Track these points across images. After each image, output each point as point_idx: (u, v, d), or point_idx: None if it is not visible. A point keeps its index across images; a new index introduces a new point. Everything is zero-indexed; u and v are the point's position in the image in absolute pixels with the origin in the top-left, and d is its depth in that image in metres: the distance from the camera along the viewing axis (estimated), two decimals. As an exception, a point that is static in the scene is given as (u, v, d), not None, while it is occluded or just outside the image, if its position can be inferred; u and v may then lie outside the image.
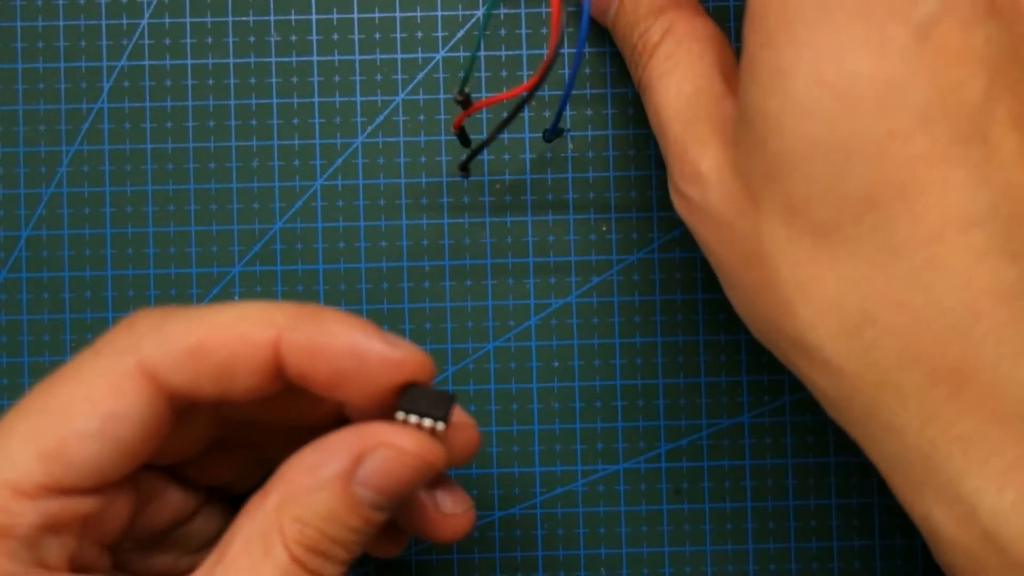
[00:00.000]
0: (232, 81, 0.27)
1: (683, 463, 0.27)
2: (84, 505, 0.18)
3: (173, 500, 0.21)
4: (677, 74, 0.20)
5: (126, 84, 0.27)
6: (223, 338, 0.18)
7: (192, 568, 0.18)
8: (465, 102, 0.23)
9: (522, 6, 0.27)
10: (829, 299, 0.17)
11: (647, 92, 0.21)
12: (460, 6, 0.27)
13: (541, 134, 0.26)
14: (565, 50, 0.27)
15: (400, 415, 0.18)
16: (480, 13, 0.27)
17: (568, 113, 0.27)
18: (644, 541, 0.27)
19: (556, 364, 0.27)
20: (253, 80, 0.27)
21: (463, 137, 0.24)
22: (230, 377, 0.18)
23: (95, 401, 0.17)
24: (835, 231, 0.16)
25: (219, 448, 0.21)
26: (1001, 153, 0.15)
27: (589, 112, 0.27)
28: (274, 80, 0.27)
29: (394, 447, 0.18)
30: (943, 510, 0.16)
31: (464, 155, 0.25)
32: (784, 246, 0.17)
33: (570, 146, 0.27)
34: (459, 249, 0.27)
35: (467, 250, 0.27)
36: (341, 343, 0.18)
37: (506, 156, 0.27)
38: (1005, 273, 0.15)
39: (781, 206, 0.17)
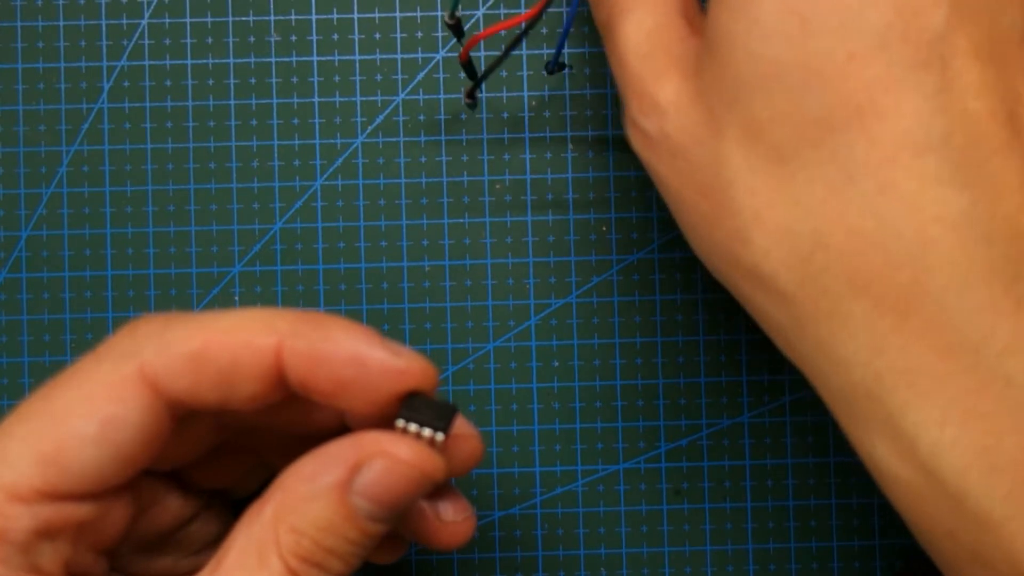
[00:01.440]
0: (232, 81, 0.27)
1: (683, 463, 0.27)
2: (80, 511, 0.17)
3: (173, 504, 0.21)
4: (639, 11, 0.19)
5: (126, 84, 0.27)
6: (225, 344, 0.18)
7: (192, 570, 0.18)
8: (456, 27, 0.23)
9: None
10: (783, 225, 0.16)
11: (608, 30, 0.20)
12: (461, 6, 0.27)
13: (544, 68, 0.27)
14: None
15: (400, 423, 0.18)
16: (480, 13, 0.27)
17: (569, 114, 0.27)
18: (644, 541, 0.27)
19: (556, 364, 0.27)
20: (253, 80, 0.27)
21: (469, 68, 0.24)
22: (231, 384, 0.18)
23: (94, 406, 0.17)
24: (793, 156, 0.16)
25: (220, 453, 0.21)
26: (961, 82, 0.15)
27: (589, 112, 0.27)
28: (274, 80, 0.27)
29: (392, 457, 0.18)
30: (886, 445, 0.16)
31: (476, 95, 0.25)
32: (742, 173, 0.17)
33: (570, 146, 0.27)
34: (459, 249, 0.27)
35: (467, 250, 0.27)
36: (343, 351, 0.18)
37: (506, 156, 0.27)
38: (956, 200, 0.15)
39: (741, 131, 0.17)
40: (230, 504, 0.23)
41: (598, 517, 0.27)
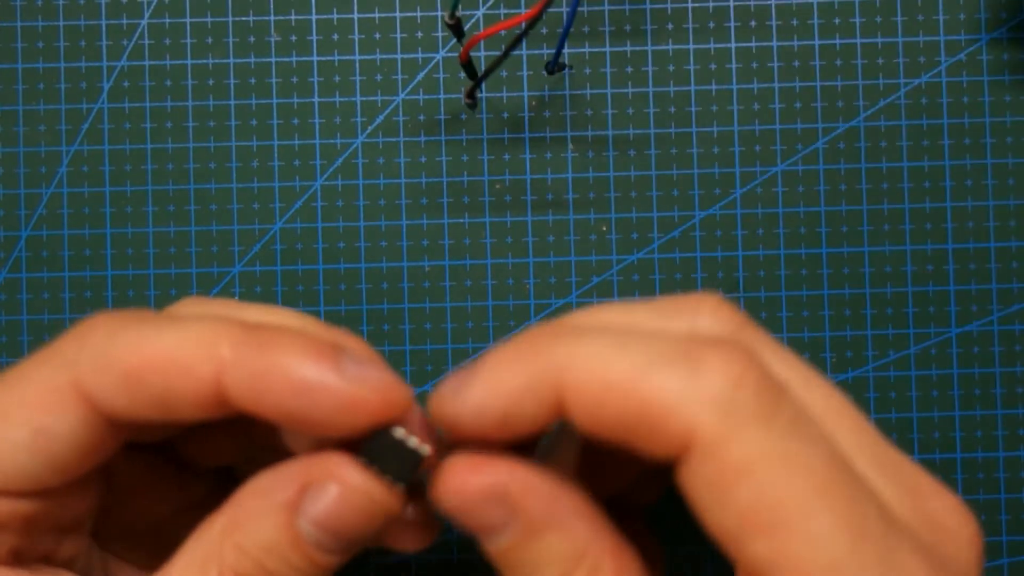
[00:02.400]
0: (232, 81, 0.27)
1: (683, 463, 0.27)
2: (22, 507, 0.17)
3: (165, 489, 0.20)
4: None
5: (126, 84, 0.27)
6: (161, 365, 0.16)
7: None
8: (456, 27, 0.23)
9: None
10: None
11: None
12: (461, 6, 0.27)
13: (544, 68, 0.27)
14: None
15: (362, 461, 0.17)
16: (480, 13, 0.27)
17: (569, 114, 0.27)
18: (644, 541, 0.27)
19: (556, 364, 0.27)
20: (253, 80, 0.27)
21: (469, 68, 0.24)
22: (168, 404, 0.17)
23: (29, 413, 0.17)
24: None
25: (212, 428, 0.20)
26: None
27: (589, 112, 0.27)
28: (274, 80, 0.27)
29: (345, 484, 0.16)
30: None
31: (478, 90, 0.25)
32: None
33: (570, 146, 0.27)
34: (459, 249, 0.27)
35: (467, 250, 0.27)
36: (289, 381, 0.16)
37: (506, 156, 0.27)
38: None
39: None
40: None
41: (598, 517, 0.27)
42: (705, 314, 0.17)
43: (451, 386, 0.16)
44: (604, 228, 0.27)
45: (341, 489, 0.16)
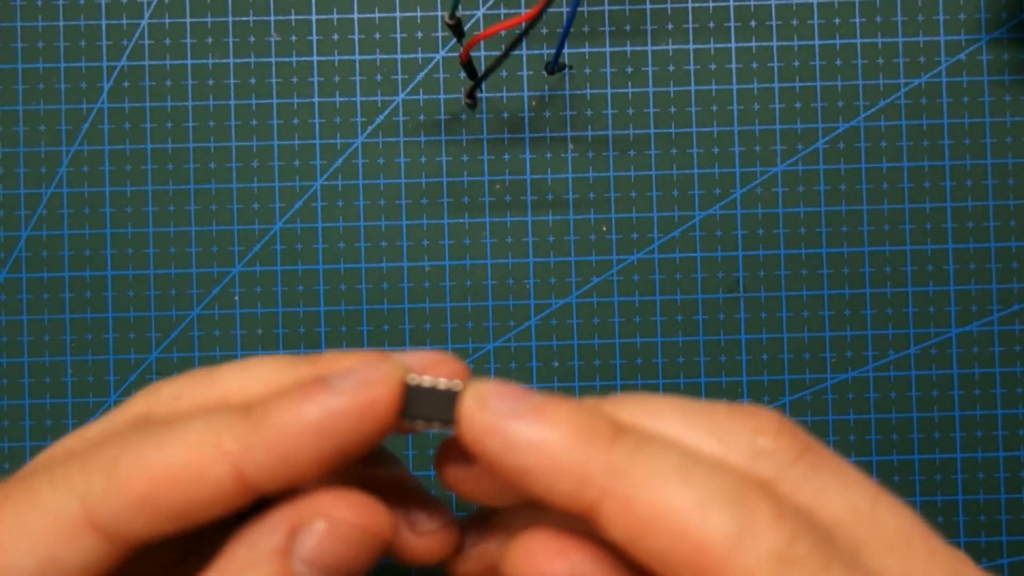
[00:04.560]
0: (232, 81, 0.27)
1: (683, 463, 0.27)
2: None
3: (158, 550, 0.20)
4: None
5: (126, 84, 0.27)
6: (175, 481, 0.16)
7: None
8: (456, 27, 0.23)
9: None
10: None
11: None
12: (461, 6, 0.27)
13: (544, 68, 0.27)
14: None
15: (406, 423, 0.17)
16: (480, 13, 0.27)
17: (569, 114, 0.27)
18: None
19: (556, 364, 0.27)
20: (253, 80, 0.27)
21: (469, 68, 0.24)
22: (190, 515, 0.16)
23: (36, 541, 0.16)
24: None
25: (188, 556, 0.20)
26: None
27: (589, 112, 0.27)
28: (274, 80, 0.27)
29: (332, 518, 0.16)
30: None
31: (478, 90, 0.25)
32: None
33: (570, 146, 0.27)
34: (459, 249, 0.27)
35: (467, 250, 0.27)
36: (296, 436, 0.16)
37: (506, 156, 0.27)
38: None
39: None
40: None
41: (598, 517, 0.27)
42: (767, 435, 0.16)
43: (507, 405, 0.16)
44: (604, 228, 0.27)
45: (329, 525, 0.16)
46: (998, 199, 0.27)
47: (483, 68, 0.26)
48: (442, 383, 0.17)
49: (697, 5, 0.27)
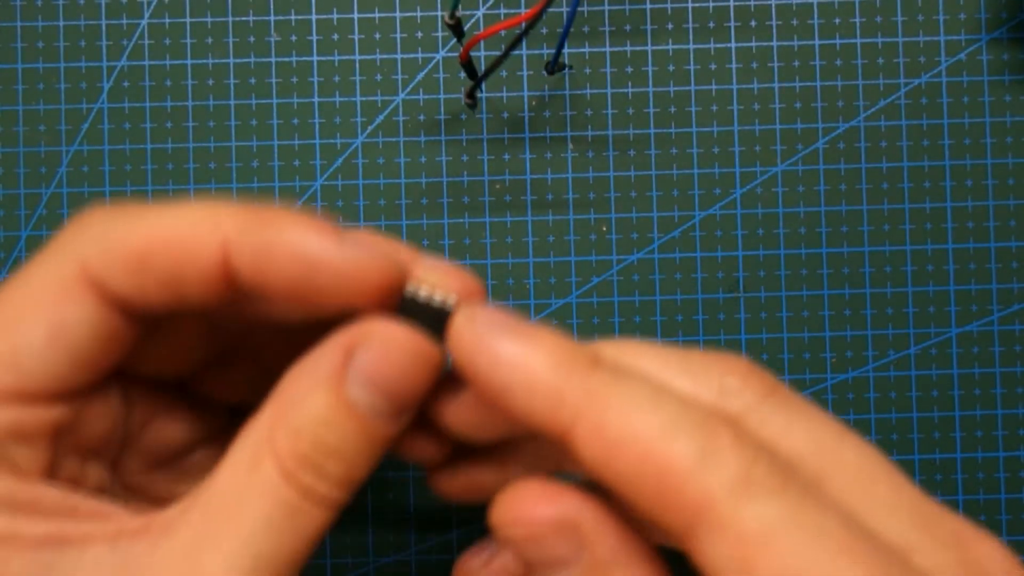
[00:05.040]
0: (232, 81, 0.27)
1: (683, 463, 0.27)
2: (51, 414, 0.17)
3: (183, 420, 0.20)
4: None
5: (126, 84, 0.27)
6: (167, 244, 0.16)
7: None
8: (456, 27, 0.23)
9: None
10: None
11: None
12: (461, 6, 0.27)
13: (544, 68, 0.27)
14: None
15: (408, 290, 0.17)
16: (480, 13, 0.27)
17: (569, 114, 0.27)
18: (644, 541, 0.27)
19: (556, 364, 0.27)
20: (253, 80, 0.27)
21: (469, 68, 0.24)
22: (177, 284, 0.17)
23: (42, 309, 0.17)
24: None
25: (225, 361, 0.20)
26: None
27: (589, 112, 0.27)
28: (274, 80, 0.27)
29: (385, 336, 0.16)
30: None
31: (478, 92, 0.25)
32: None
33: (570, 146, 0.27)
34: (459, 249, 0.27)
35: (467, 250, 0.27)
36: (289, 250, 0.16)
37: (506, 156, 0.27)
38: None
39: None
40: None
41: (598, 517, 0.27)
42: (737, 376, 0.17)
43: (497, 324, 0.16)
44: (604, 228, 0.27)
45: (383, 342, 0.16)
46: (998, 199, 0.27)
47: (483, 68, 0.26)
48: (438, 298, 0.17)
49: (697, 5, 0.27)
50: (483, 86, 0.27)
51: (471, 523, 0.27)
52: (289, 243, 0.16)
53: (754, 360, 0.17)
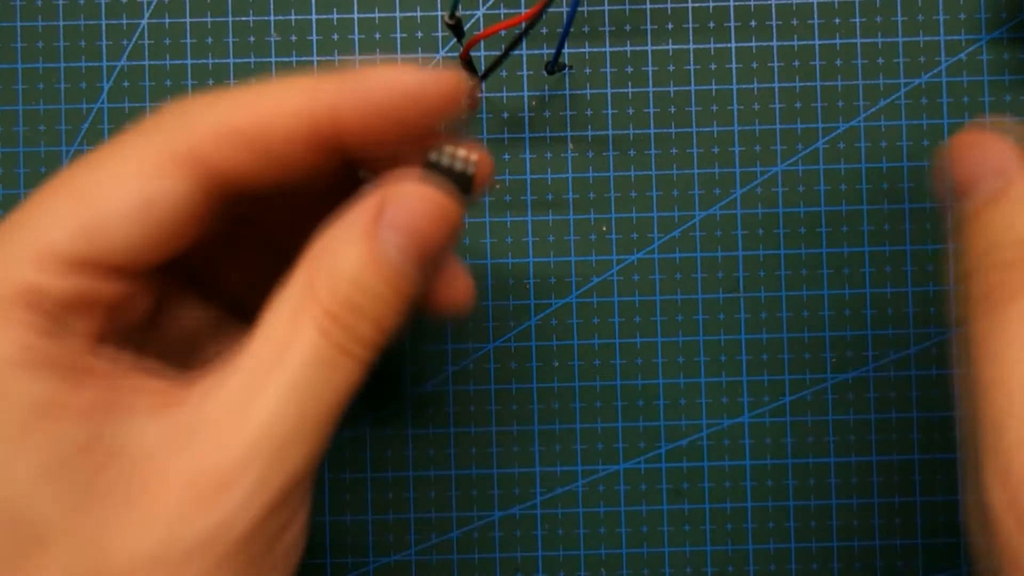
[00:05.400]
0: (232, 81, 0.27)
1: (683, 463, 0.27)
2: (116, 287, 0.17)
3: (194, 308, 0.21)
4: None
5: (126, 84, 0.27)
6: (262, 110, 0.17)
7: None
8: (456, 27, 0.23)
9: None
10: None
11: (981, 347, 0.17)
12: (461, 6, 0.27)
13: (544, 68, 0.27)
14: None
15: (432, 156, 0.18)
16: (480, 13, 0.27)
17: (569, 114, 0.27)
18: (644, 541, 0.27)
19: (556, 364, 0.27)
20: (253, 80, 0.27)
21: (469, 68, 0.24)
22: (272, 154, 0.17)
23: (138, 182, 0.17)
24: None
25: (235, 248, 0.21)
26: None
27: (589, 112, 0.27)
28: (274, 80, 0.27)
29: (417, 193, 0.18)
30: None
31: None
32: None
33: (570, 146, 0.27)
34: (459, 249, 0.27)
35: (467, 250, 0.27)
36: (388, 86, 0.18)
37: (506, 156, 0.27)
38: None
39: None
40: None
41: (598, 517, 0.27)
42: None
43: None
44: (604, 228, 0.27)
45: (412, 197, 0.18)
46: (998, 199, 0.27)
47: (483, 68, 0.26)
48: (459, 164, 0.19)
49: (697, 5, 0.27)
50: (483, 86, 0.27)
51: (471, 523, 0.27)
52: (386, 80, 0.18)
53: (754, 360, 0.17)
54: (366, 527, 0.27)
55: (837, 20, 0.27)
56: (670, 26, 0.27)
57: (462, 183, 0.19)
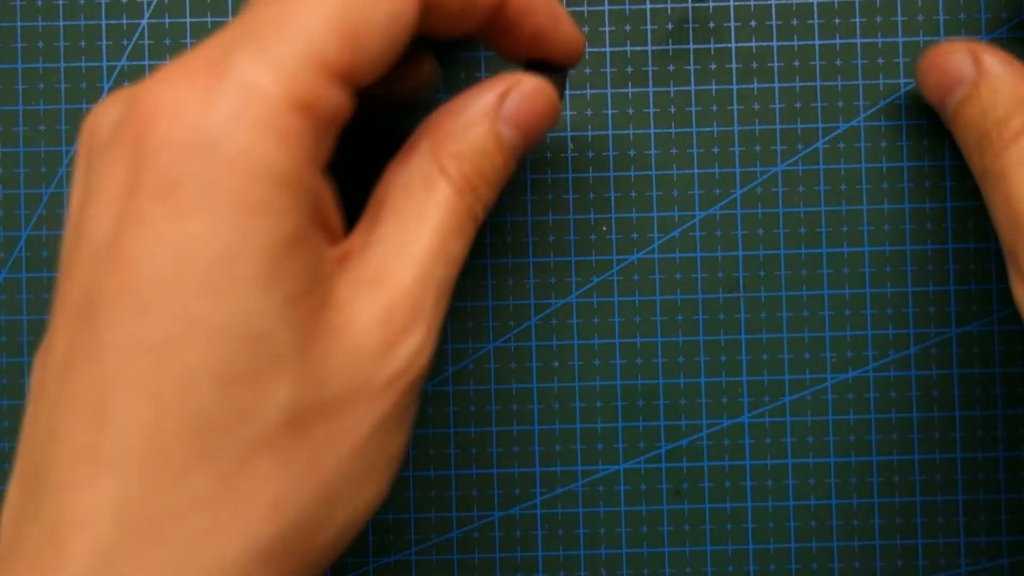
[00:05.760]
0: (232, 81, 0.27)
1: (683, 463, 0.27)
2: (351, 106, 0.17)
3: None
4: None
5: (126, 84, 0.27)
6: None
7: None
8: None
9: None
10: None
11: (998, 180, 0.21)
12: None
13: None
14: None
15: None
16: (480, 13, 0.27)
17: (569, 114, 0.27)
18: (644, 541, 0.27)
19: (556, 364, 0.27)
20: (253, 80, 0.27)
21: None
22: (389, 37, 0.17)
23: (286, 68, 0.16)
24: None
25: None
26: None
27: (589, 112, 0.27)
28: (274, 80, 0.27)
29: (533, 85, 0.20)
30: None
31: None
32: None
33: (570, 146, 0.27)
34: (459, 249, 0.27)
35: (467, 250, 0.27)
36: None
37: (506, 156, 0.27)
38: None
39: None
40: None
41: (598, 517, 0.27)
42: None
43: None
44: (604, 228, 0.27)
45: (530, 88, 0.20)
46: (998, 199, 0.27)
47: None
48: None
49: (697, 5, 0.27)
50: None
51: (471, 523, 0.27)
52: None
53: (754, 360, 0.17)
54: (366, 527, 0.27)
55: (837, 20, 0.27)
56: (670, 26, 0.27)
57: (558, 81, 0.22)
